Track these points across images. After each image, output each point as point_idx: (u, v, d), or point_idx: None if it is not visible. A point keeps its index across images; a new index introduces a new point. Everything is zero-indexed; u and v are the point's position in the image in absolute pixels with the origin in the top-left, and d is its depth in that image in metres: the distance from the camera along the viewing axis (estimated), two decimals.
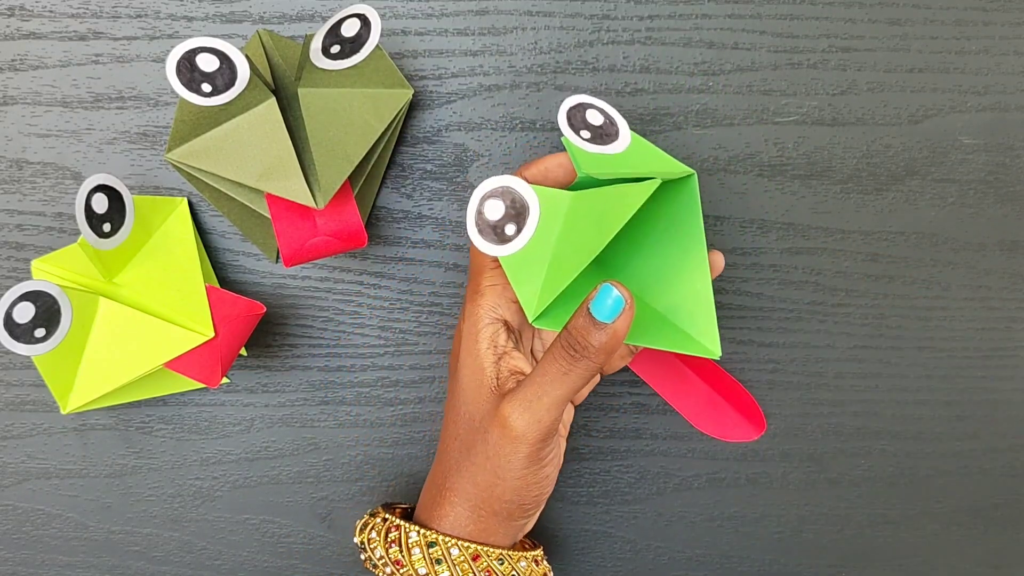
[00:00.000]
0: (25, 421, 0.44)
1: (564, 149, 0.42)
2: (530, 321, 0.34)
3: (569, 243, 0.33)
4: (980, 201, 0.44)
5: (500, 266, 0.37)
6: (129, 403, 0.44)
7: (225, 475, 0.45)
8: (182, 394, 0.44)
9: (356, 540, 0.39)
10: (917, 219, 0.44)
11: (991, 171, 0.44)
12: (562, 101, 0.36)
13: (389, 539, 0.37)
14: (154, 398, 0.44)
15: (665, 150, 0.43)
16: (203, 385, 0.39)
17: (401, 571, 0.36)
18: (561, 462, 0.40)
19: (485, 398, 0.36)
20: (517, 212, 0.33)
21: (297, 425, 0.45)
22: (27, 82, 0.42)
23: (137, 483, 0.45)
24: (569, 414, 0.41)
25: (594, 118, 0.35)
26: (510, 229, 0.33)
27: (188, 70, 0.34)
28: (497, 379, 0.36)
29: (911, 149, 0.44)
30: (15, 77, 0.42)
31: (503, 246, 0.33)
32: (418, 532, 0.37)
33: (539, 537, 0.46)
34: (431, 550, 0.36)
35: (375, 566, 0.37)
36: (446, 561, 0.36)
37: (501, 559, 0.36)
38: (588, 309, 0.32)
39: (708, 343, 0.35)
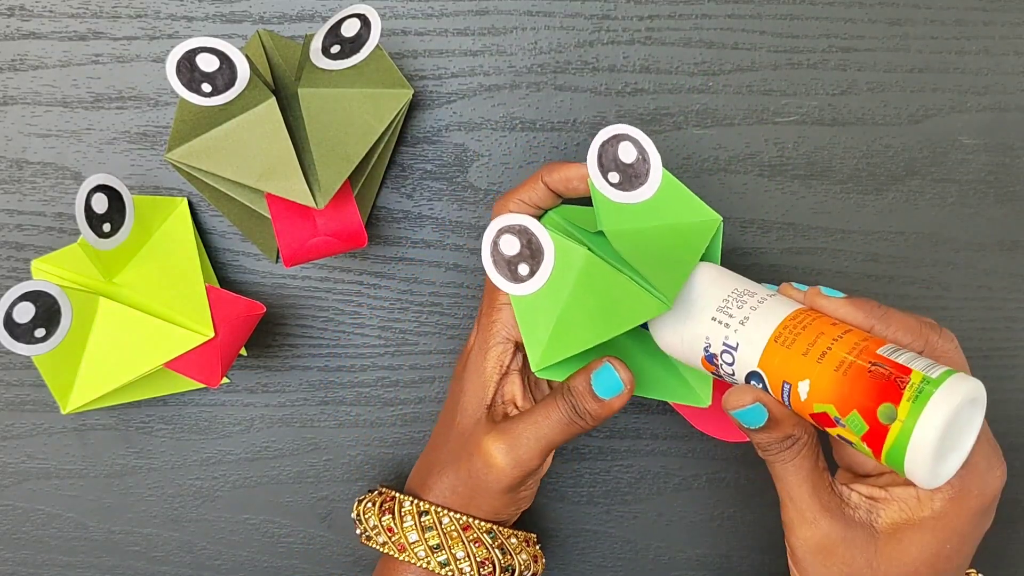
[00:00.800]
0: (25, 421, 0.44)
1: (573, 155, 0.42)
2: (534, 371, 0.34)
3: (580, 306, 0.33)
4: (980, 201, 0.44)
5: None
6: (129, 403, 0.44)
7: (225, 475, 0.45)
8: (182, 394, 0.44)
9: (352, 515, 0.40)
10: (917, 219, 0.44)
11: (991, 171, 0.44)
12: (597, 133, 0.35)
13: (383, 508, 0.38)
14: (154, 398, 0.44)
15: (665, 150, 0.43)
16: (203, 385, 0.39)
17: (393, 539, 0.37)
18: (547, 466, 0.40)
19: (479, 416, 0.37)
20: (532, 254, 0.33)
21: (297, 425, 0.45)
22: (27, 82, 0.42)
23: (137, 483, 0.45)
24: None
25: (627, 154, 0.35)
26: (523, 269, 0.34)
27: (188, 70, 0.34)
28: (492, 401, 0.37)
29: (911, 149, 0.44)
30: (15, 77, 0.42)
31: (516, 284, 0.34)
32: (411, 502, 0.37)
33: (540, 537, 0.46)
34: (423, 519, 0.37)
35: (369, 538, 0.38)
36: (436, 529, 0.36)
37: (491, 532, 0.37)
38: (590, 379, 0.33)
39: (701, 392, 0.36)
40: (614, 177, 0.35)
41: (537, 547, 0.40)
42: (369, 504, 0.39)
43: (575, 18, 0.42)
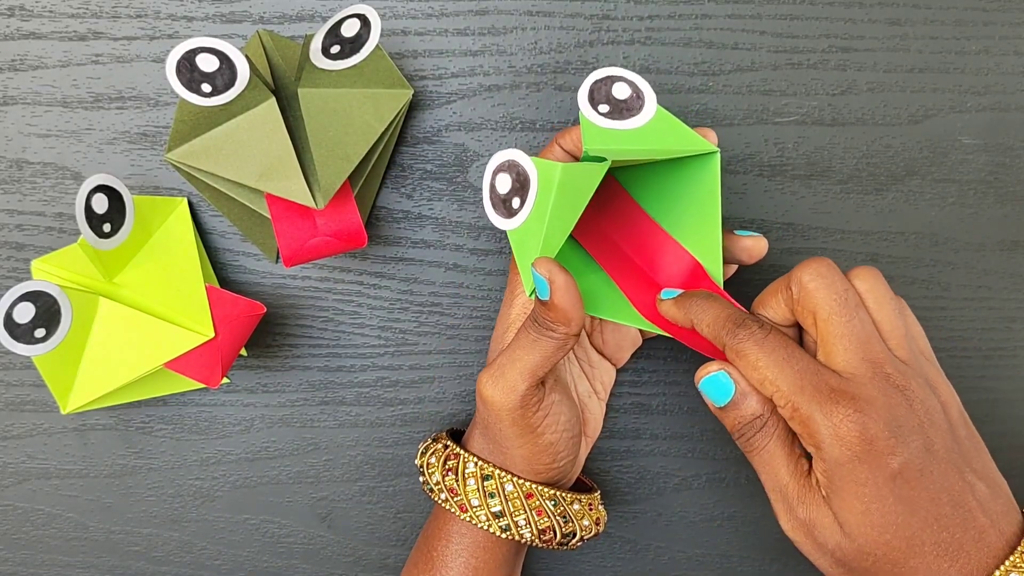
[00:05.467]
0: (25, 421, 0.44)
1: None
2: (528, 295, 0.34)
3: (559, 216, 0.33)
4: (980, 201, 0.44)
5: None
6: (129, 403, 0.44)
7: (225, 475, 0.45)
8: (182, 394, 0.44)
9: (416, 462, 0.40)
10: (917, 219, 0.44)
11: (991, 171, 0.44)
12: (580, 85, 0.36)
13: (447, 467, 0.38)
14: (154, 398, 0.44)
15: None
16: (203, 385, 0.39)
17: (455, 499, 0.37)
18: (599, 425, 0.41)
19: None
20: (521, 185, 0.34)
21: (297, 425, 0.45)
22: (27, 82, 0.42)
23: (137, 483, 0.45)
24: (609, 376, 0.41)
25: (620, 91, 0.35)
26: (516, 202, 0.34)
27: (188, 70, 0.34)
28: None
29: (911, 149, 0.44)
30: (15, 77, 0.42)
31: (511, 219, 0.34)
32: (475, 463, 0.37)
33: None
34: (486, 483, 0.37)
35: (431, 490, 0.38)
36: (499, 495, 0.36)
37: (554, 500, 0.37)
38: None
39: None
40: (603, 108, 0.35)
41: (600, 507, 0.39)
42: (433, 459, 0.38)
43: (575, 18, 0.42)
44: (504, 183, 0.34)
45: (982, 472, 0.31)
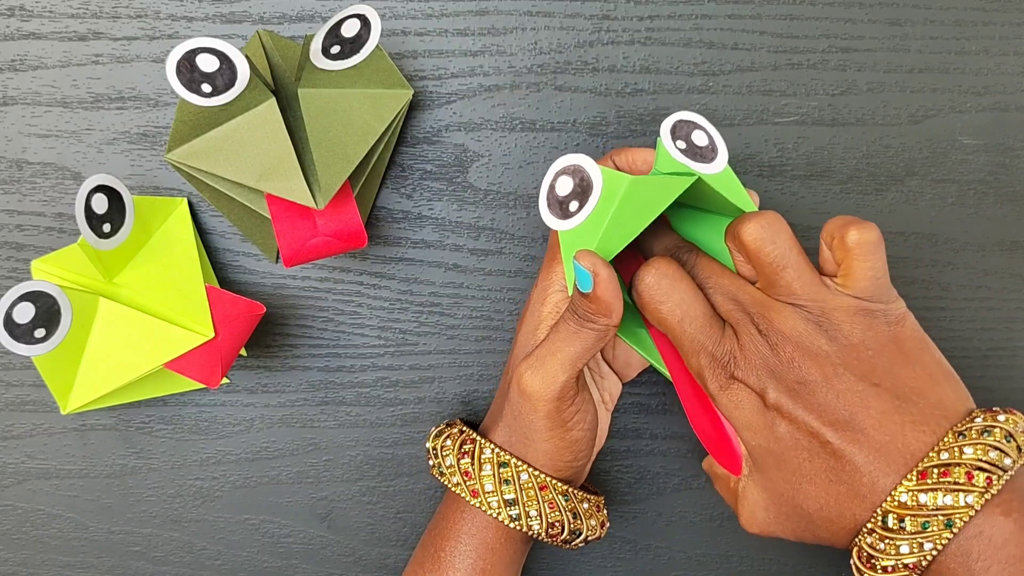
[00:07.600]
0: (25, 421, 0.44)
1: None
2: (570, 293, 0.35)
3: (618, 224, 0.34)
4: (980, 201, 0.44)
5: None
6: (129, 403, 0.44)
7: (225, 475, 0.45)
8: (182, 394, 0.44)
9: (428, 445, 0.40)
10: (917, 219, 0.44)
11: (991, 171, 0.44)
12: (671, 113, 0.36)
13: (463, 450, 0.38)
14: (154, 398, 0.44)
15: None
16: (203, 385, 0.39)
17: (468, 483, 0.37)
18: (604, 433, 0.41)
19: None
20: (583, 190, 0.34)
21: (297, 425, 0.45)
22: (27, 82, 0.42)
23: (137, 483, 0.45)
24: (616, 389, 0.42)
25: (699, 139, 0.36)
26: (573, 205, 0.34)
27: (188, 70, 0.34)
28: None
29: (911, 149, 0.44)
30: (15, 77, 0.42)
31: (565, 221, 0.35)
32: (492, 449, 0.37)
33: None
34: (501, 470, 0.37)
35: (442, 473, 0.38)
36: (514, 483, 0.36)
37: (566, 495, 0.37)
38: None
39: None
40: (681, 144, 0.35)
41: (604, 510, 0.40)
42: (448, 441, 0.39)
43: (575, 18, 0.42)
44: (565, 186, 0.35)
45: (870, 416, 0.32)
